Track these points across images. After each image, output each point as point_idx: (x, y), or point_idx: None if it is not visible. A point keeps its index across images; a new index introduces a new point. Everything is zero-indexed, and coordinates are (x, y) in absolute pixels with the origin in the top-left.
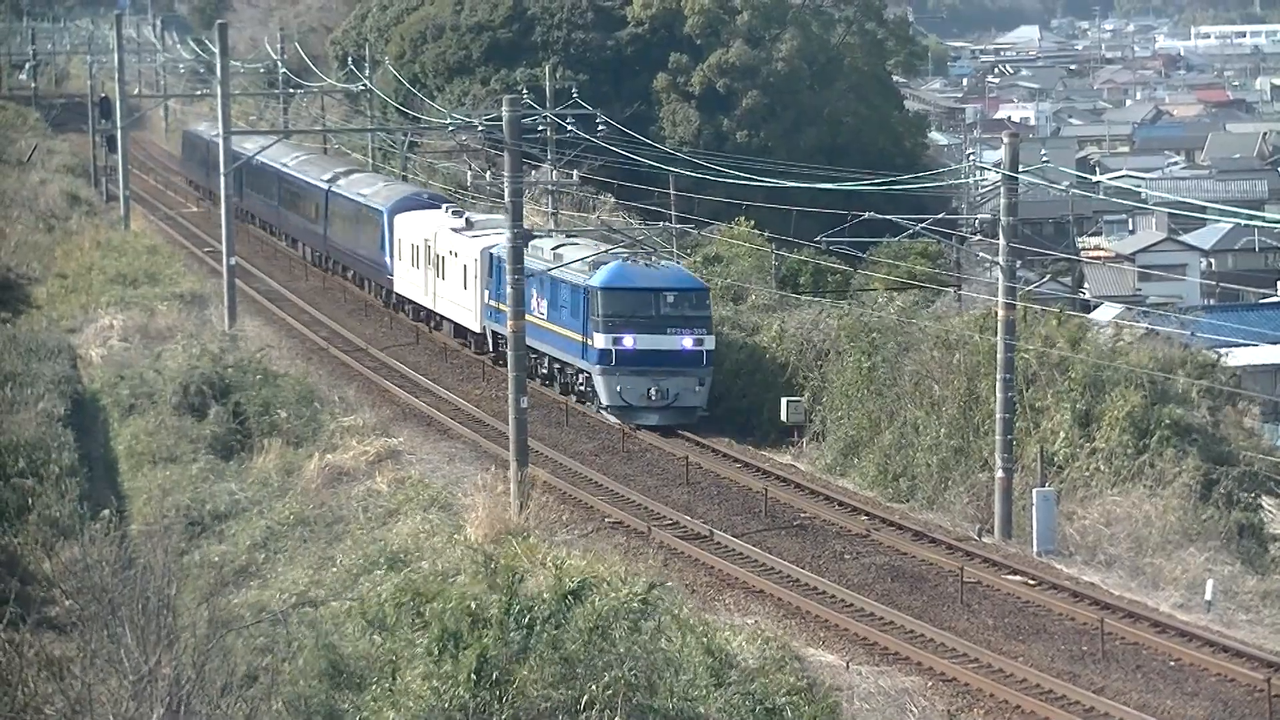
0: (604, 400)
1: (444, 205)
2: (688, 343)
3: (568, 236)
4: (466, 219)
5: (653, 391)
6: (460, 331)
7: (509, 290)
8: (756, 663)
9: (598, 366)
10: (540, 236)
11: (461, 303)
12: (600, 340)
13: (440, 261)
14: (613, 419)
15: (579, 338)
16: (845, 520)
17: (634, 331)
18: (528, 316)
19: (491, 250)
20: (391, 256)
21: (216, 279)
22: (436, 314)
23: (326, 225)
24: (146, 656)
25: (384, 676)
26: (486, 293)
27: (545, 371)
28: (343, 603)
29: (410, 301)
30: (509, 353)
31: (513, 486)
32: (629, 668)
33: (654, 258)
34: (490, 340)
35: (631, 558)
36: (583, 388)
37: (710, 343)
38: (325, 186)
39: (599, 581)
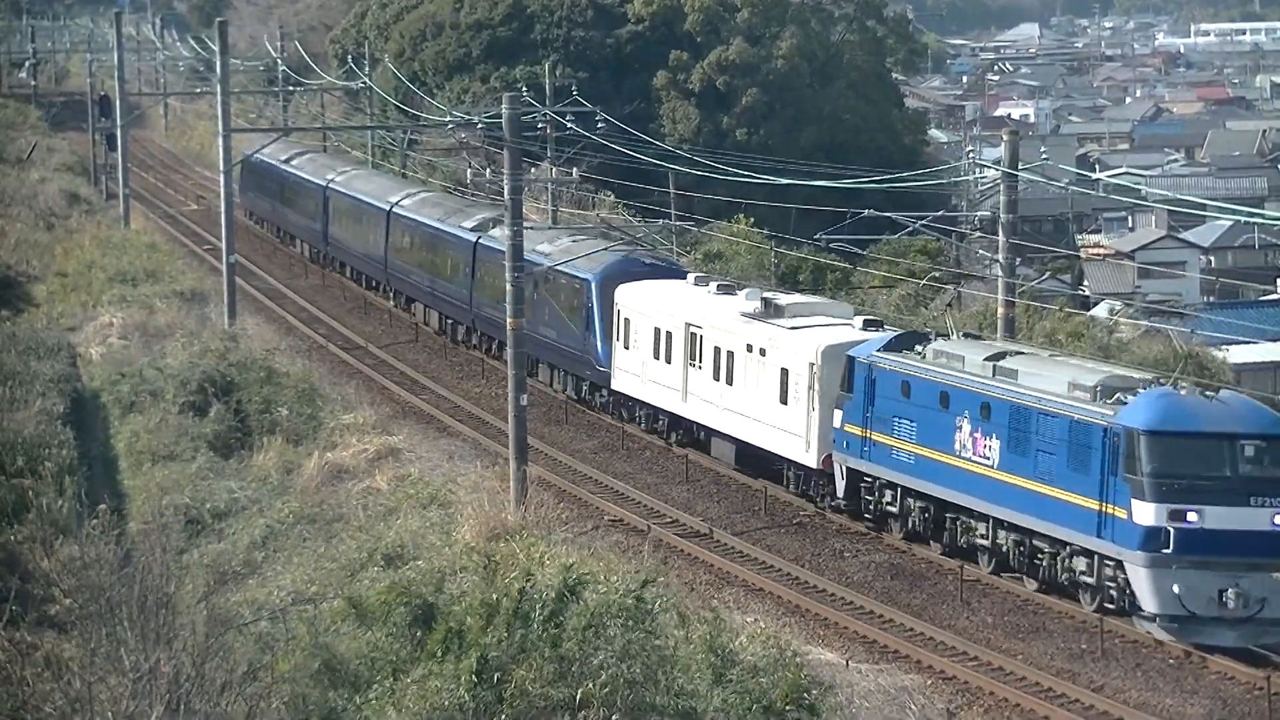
0: (1149, 605)
1: (690, 276)
2: None
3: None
4: (764, 300)
5: (1229, 595)
6: (744, 453)
7: (509, 288)
8: (756, 660)
9: (1140, 554)
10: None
11: (771, 420)
12: (1145, 512)
13: (722, 358)
14: (1161, 634)
15: (1087, 503)
16: (845, 519)
17: (1203, 502)
18: (941, 454)
19: (857, 357)
20: (607, 341)
21: (216, 277)
22: (699, 425)
23: (473, 288)
24: (146, 654)
25: (385, 676)
26: (839, 413)
27: (984, 543)
28: (335, 600)
29: (643, 404)
30: (508, 350)
31: (512, 484)
32: (627, 665)
33: (1210, 392)
34: (842, 481)
35: (630, 555)
36: (1084, 577)
37: None
38: (473, 239)
39: (594, 579)
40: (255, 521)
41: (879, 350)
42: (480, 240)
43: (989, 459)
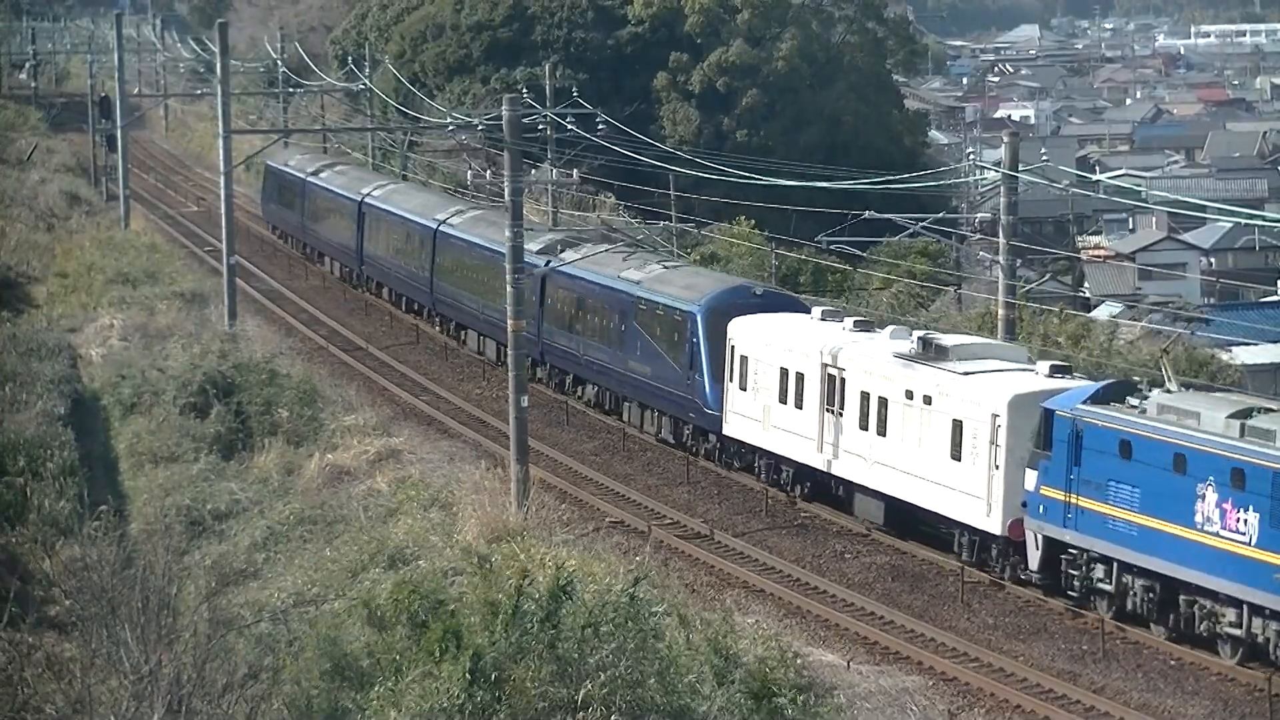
0: None
1: (816, 310)
2: None
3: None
4: (922, 341)
5: None
6: (897, 512)
7: (509, 289)
8: (757, 661)
9: None
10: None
11: (938, 478)
12: None
13: (871, 406)
14: None
15: None
16: (846, 519)
17: None
18: (1176, 527)
19: (1057, 410)
20: (717, 382)
21: (216, 278)
22: (839, 479)
23: (542, 319)
24: (147, 656)
25: (388, 676)
26: (1032, 474)
27: (1235, 632)
28: (345, 601)
29: (763, 452)
30: (509, 351)
31: (513, 486)
32: (625, 665)
33: None
34: (1037, 551)
35: (631, 557)
36: None
37: None
38: (541, 263)
39: (589, 579)
40: (256, 523)
41: (1086, 402)
42: (551, 266)
43: (1244, 535)
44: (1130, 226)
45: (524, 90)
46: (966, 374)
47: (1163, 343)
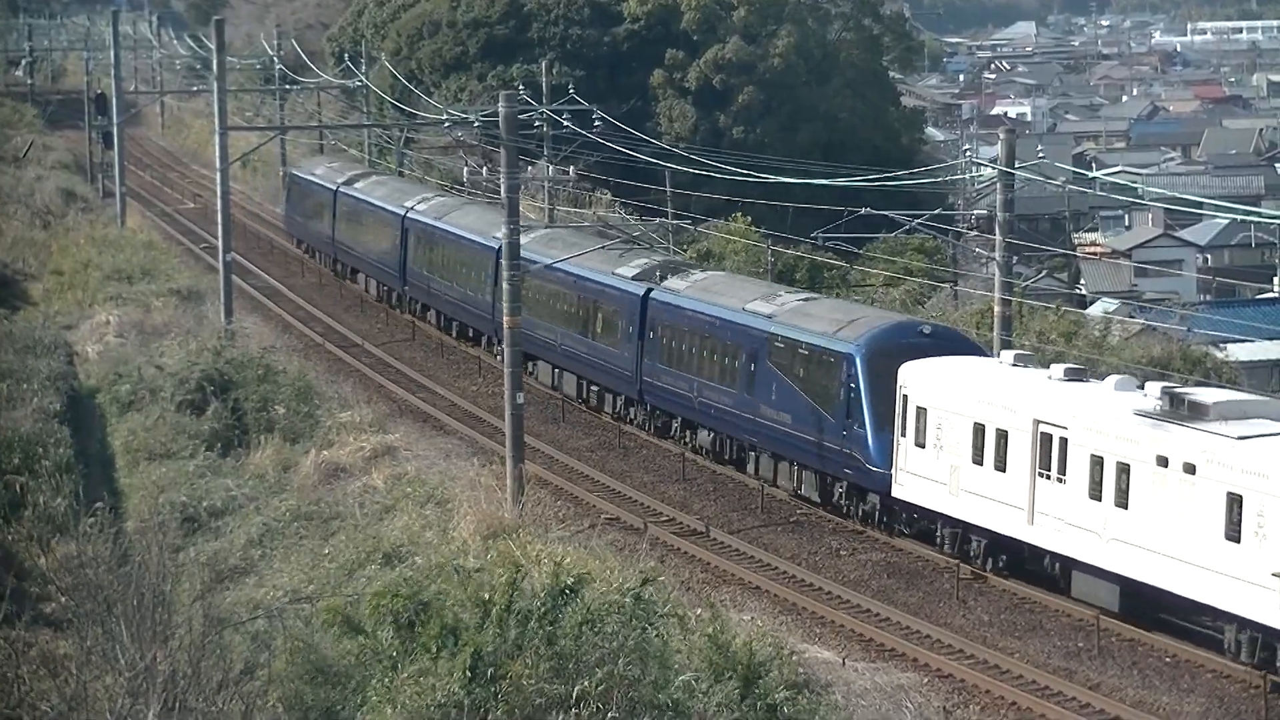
0: None
1: (1007, 354)
2: None
3: None
4: (1171, 396)
5: None
6: (1138, 597)
7: (505, 286)
8: (753, 658)
9: None
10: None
11: (1206, 561)
12: None
13: (1105, 472)
14: None
15: None
16: (842, 517)
17: None
18: None
19: None
20: (883, 435)
21: (213, 275)
22: (1057, 555)
23: (642, 353)
24: (142, 653)
25: (382, 673)
26: None
27: None
28: (331, 600)
29: (948, 519)
30: (505, 348)
31: (509, 482)
32: (624, 663)
33: None
34: None
35: (627, 554)
36: None
37: None
38: (639, 291)
39: (592, 578)
40: (252, 520)
41: None
42: (653, 294)
43: None
44: (1126, 223)
45: (520, 87)
46: (1242, 438)
47: (1158, 340)
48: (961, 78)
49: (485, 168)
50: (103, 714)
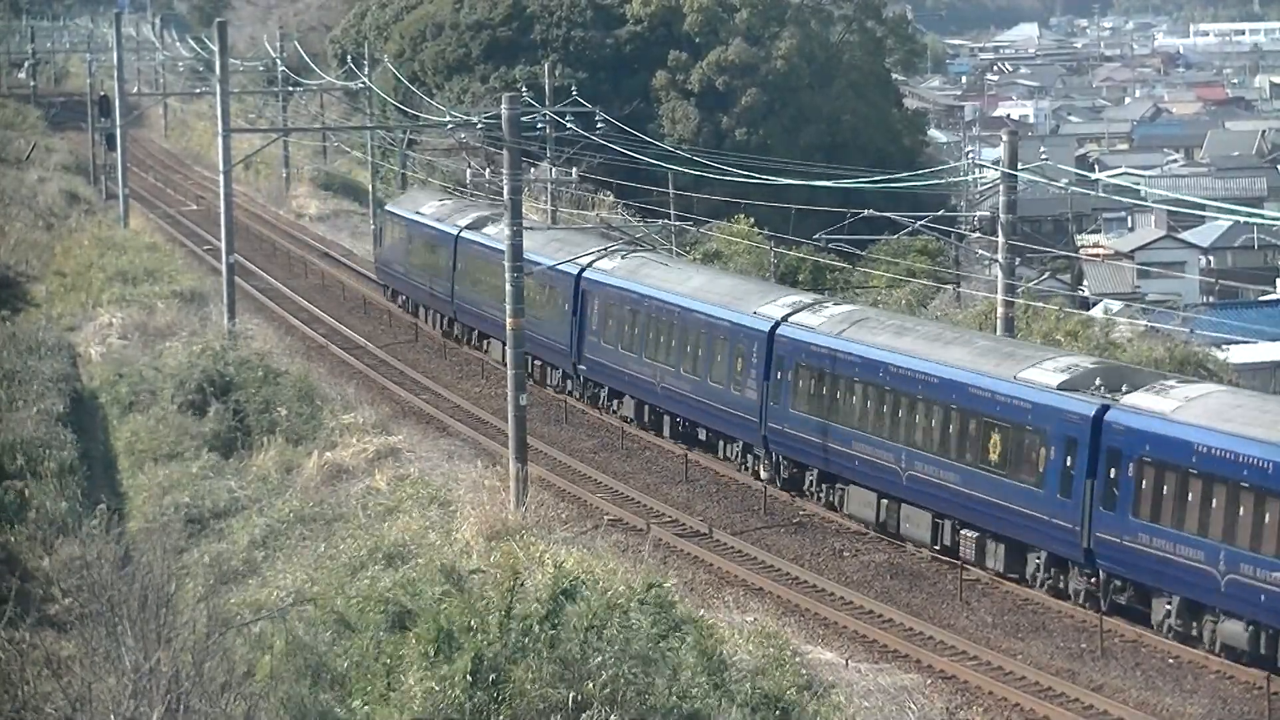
0: None
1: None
2: None
3: None
4: None
5: None
6: None
7: (508, 287)
8: (756, 661)
9: None
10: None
11: None
12: None
13: None
14: None
15: None
16: (844, 518)
17: None
18: None
19: None
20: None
21: (216, 277)
22: None
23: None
24: (146, 654)
25: (380, 677)
26: None
27: None
28: (316, 606)
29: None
30: (508, 351)
31: (512, 484)
32: (627, 666)
33: None
34: None
35: (630, 555)
36: None
37: None
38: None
39: (594, 580)
40: (255, 521)
41: None
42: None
43: None
44: (1129, 225)
45: (523, 89)
46: None
47: (1161, 341)
48: (964, 79)
49: (488, 170)
50: (106, 715)
